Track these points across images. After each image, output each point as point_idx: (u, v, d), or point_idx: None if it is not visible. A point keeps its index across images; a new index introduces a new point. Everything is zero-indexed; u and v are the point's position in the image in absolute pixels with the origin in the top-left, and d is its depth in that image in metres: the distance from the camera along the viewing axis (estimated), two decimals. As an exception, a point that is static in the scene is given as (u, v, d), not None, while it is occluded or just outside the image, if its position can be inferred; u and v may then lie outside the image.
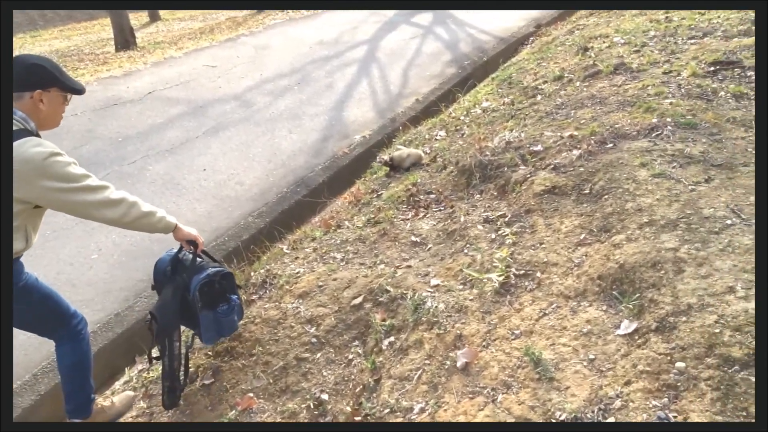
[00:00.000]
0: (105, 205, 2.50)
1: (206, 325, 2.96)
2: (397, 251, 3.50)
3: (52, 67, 2.49)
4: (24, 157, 2.31)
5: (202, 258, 3.05)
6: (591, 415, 2.07)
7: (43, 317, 2.79)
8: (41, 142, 2.39)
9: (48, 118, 2.54)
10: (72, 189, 2.41)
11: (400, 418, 2.40)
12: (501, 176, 3.78)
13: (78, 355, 2.87)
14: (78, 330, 2.85)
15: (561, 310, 2.56)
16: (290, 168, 5.69)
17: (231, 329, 3.09)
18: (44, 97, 2.46)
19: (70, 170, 2.40)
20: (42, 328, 2.87)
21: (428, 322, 2.78)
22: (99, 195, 2.48)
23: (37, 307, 2.71)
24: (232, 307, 3.01)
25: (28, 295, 2.63)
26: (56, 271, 4.13)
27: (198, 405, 2.96)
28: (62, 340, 2.86)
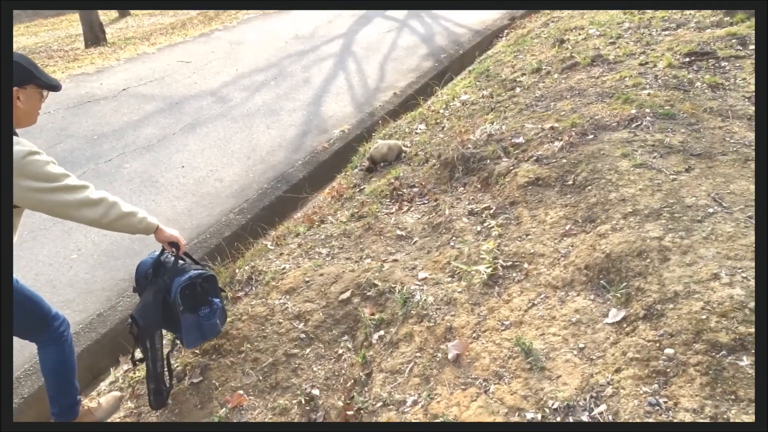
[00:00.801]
0: (84, 205, 2.45)
1: (188, 329, 2.91)
2: (383, 245, 3.51)
3: (28, 63, 2.43)
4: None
5: (184, 260, 3.01)
6: (583, 403, 2.10)
7: (25, 320, 2.73)
8: (19, 141, 2.33)
9: (25, 116, 2.47)
10: (50, 189, 2.36)
11: (393, 412, 2.41)
12: (484, 169, 3.81)
13: (61, 358, 2.82)
14: (60, 332, 2.80)
15: (549, 300, 2.59)
16: (270, 164, 5.65)
17: (213, 333, 3.04)
18: (21, 94, 2.40)
19: (48, 169, 2.35)
20: (23, 331, 2.81)
21: (418, 315, 2.79)
22: (78, 195, 2.43)
23: (18, 308, 2.66)
24: (214, 310, 2.96)
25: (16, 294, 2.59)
26: (35, 272, 4.05)
27: (187, 404, 2.94)
28: (44, 344, 2.80)
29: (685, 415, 1.88)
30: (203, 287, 2.91)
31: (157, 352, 2.85)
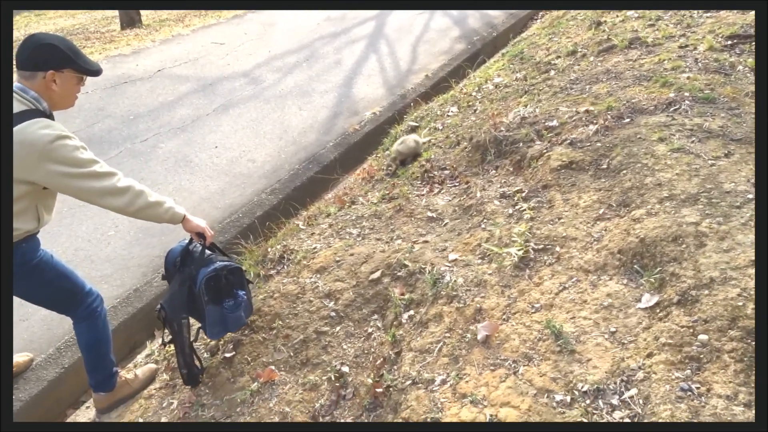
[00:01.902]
0: (109, 193, 2.48)
1: (212, 320, 2.93)
2: (414, 227, 3.52)
3: (66, 47, 2.45)
4: (30, 139, 2.29)
5: (213, 251, 3.04)
6: (613, 387, 2.10)
7: (58, 296, 2.82)
8: (50, 124, 2.37)
9: (61, 99, 2.52)
10: (77, 174, 2.39)
11: (421, 390, 2.43)
12: (516, 152, 3.78)
13: (95, 334, 2.90)
14: (93, 308, 2.88)
15: (581, 283, 2.58)
16: (301, 145, 5.68)
17: (237, 325, 3.03)
18: (57, 77, 2.44)
19: (77, 155, 2.38)
20: (57, 306, 2.90)
21: (447, 296, 2.80)
22: (104, 182, 2.46)
23: (51, 285, 2.73)
24: (239, 303, 2.96)
25: (42, 273, 2.65)
26: (74, 247, 4.16)
27: (219, 377, 3.01)
28: (78, 319, 2.89)
29: (718, 401, 1.87)
30: (228, 279, 2.92)
31: (184, 339, 2.90)
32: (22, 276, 2.60)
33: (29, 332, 3.52)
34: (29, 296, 2.81)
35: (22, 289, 2.71)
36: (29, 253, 2.57)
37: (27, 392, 3.22)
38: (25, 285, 2.68)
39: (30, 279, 2.65)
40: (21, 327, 3.55)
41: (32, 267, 2.60)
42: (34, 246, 2.60)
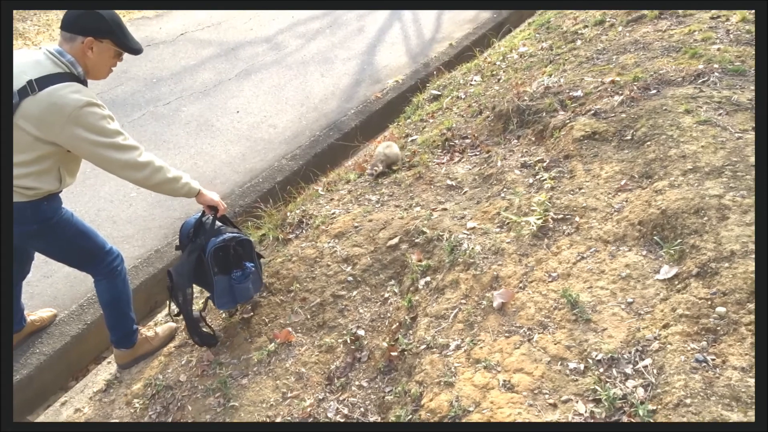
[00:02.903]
0: (131, 167, 2.54)
1: (220, 291, 2.97)
2: (433, 194, 3.51)
3: (112, 19, 2.48)
4: (60, 102, 2.32)
5: (225, 223, 3.10)
6: (628, 356, 2.10)
7: (78, 254, 2.89)
8: (81, 90, 2.39)
9: (94, 68, 2.55)
10: (101, 143, 2.43)
11: (436, 354, 2.45)
12: (539, 121, 3.73)
13: (114, 292, 2.96)
14: (113, 267, 2.93)
15: (599, 254, 2.57)
16: (322, 112, 5.67)
17: (245, 296, 3.06)
18: (95, 45, 2.47)
19: (103, 124, 2.42)
20: (77, 263, 2.97)
21: (464, 263, 2.81)
22: (126, 155, 2.51)
23: (71, 243, 2.79)
24: (246, 274, 2.98)
25: (62, 231, 2.70)
26: (97, 208, 4.22)
27: (237, 337, 3.06)
28: (98, 276, 2.95)
29: (733, 373, 1.86)
30: (236, 250, 2.96)
31: (188, 308, 2.96)
32: (41, 233, 2.65)
33: (53, 288, 3.60)
34: (50, 253, 2.88)
35: (42, 246, 2.79)
36: (49, 211, 2.61)
37: (51, 347, 3.31)
38: (45, 242, 2.75)
39: (49, 237, 2.70)
40: (45, 283, 3.63)
41: (51, 225, 2.65)
42: (54, 205, 2.64)
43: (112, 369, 3.18)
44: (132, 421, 2.83)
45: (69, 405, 3.02)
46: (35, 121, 2.33)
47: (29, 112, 2.32)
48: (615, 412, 1.94)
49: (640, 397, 1.94)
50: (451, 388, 2.24)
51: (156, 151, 4.94)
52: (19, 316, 3.21)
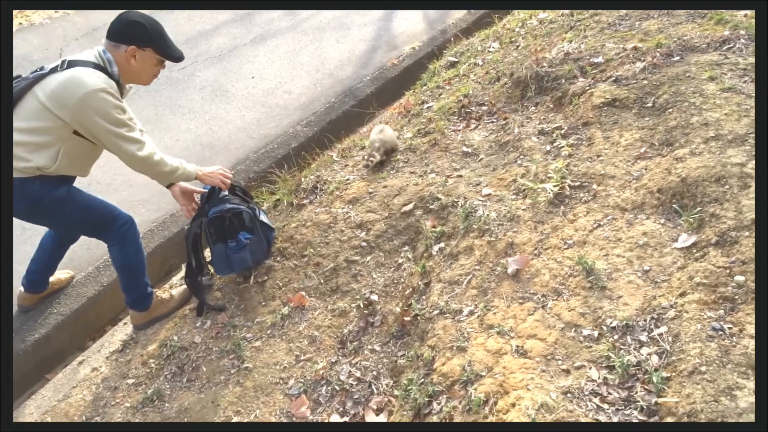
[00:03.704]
0: (128, 157, 2.67)
1: (216, 257, 3.11)
2: (448, 161, 3.47)
3: (154, 29, 2.64)
4: (80, 81, 2.46)
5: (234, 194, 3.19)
6: (643, 324, 2.08)
7: (82, 225, 2.98)
8: (102, 77, 2.52)
9: (137, 75, 2.73)
10: (106, 129, 2.55)
11: (449, 320, 2.45)
12: (558, 88, 3.66)
13: (127, 256, 3.00)
14: (123, 233, 2.96)
15: (616, 222, 2.53)
16: (338, 78, 5.61)
17: (242, 265, 3.12)
18: (137, 54, 2.64)
19: (113, 113, 2.53)
20: (86, 233, 3.09)
21: (479, 229, 2.79)
22: (126, 147, 2.62)
23: (72, 217, 2.85)
24: (242, 245, 3.06)
25: (58, 209, 2.75)
26: (113, 171, 4.23)
27: (251, 301, 3.08)
28: (110, 242, 3.00)
29: (750, 341, 1.84)
30: (232, 222, 3.05)
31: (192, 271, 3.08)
32: (34, 212, 2.74)
33: (70, 251, 3.61)
34: (53, 227, 2.99)
35: (43, 221, 2.89)
36: (40, 192, 2.66)
37: (68, 307, 3.36)
38: (42, 219, 2.85)
39: (45, 215, 2.79)
40: (63, 245, 3.66)
41: (44, 205, 2.71)
42: (46, 187, 2.67)
43: (128, 330, 3.22)
44: (148, 380, 2.88)
45: (86, 364, 3.07)
46: (50, 93, 2.47)
47: (48, 84, 2.49)
48: (628, 379, 1.93)
49: (654, 365, 1.93)
50: (464, 353, 2.25)
51: (171, 116, 4.94)
52: (47, 278, 3.28)
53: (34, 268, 3.19)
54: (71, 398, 2.89)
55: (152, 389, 2.81)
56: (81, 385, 2.95)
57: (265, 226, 3.20)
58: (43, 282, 3.27)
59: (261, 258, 3.19)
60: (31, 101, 2.50)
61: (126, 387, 2.89)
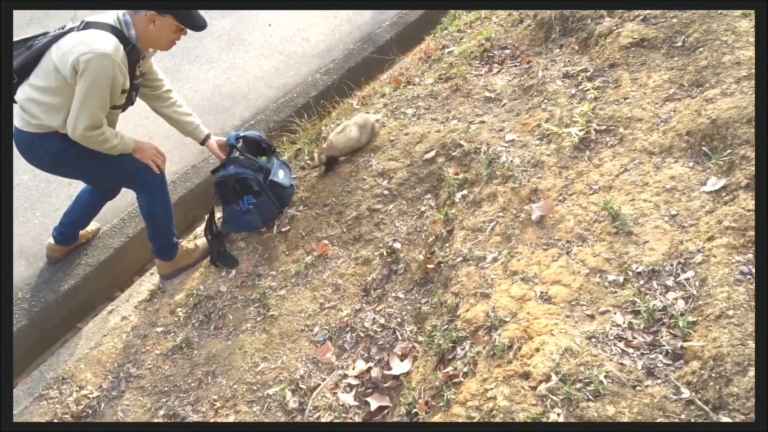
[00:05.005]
0: (72, 125, 2.57)
1: (226, 217, 3.23)
2: (470, 107, 3.41)
3: None
4: (88, 43, 2.44)
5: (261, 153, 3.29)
6: (669, 268, 2.06)
7: (104, 178, 3.04)
8: (115, 45, 2.48)
9: (155, 40, 2.69)
10: (82, 89, 2.49)
11: (472, 267, 2.45)
12: (583, 29, 3.54)
13: (153, 205, 3.03)
14: (149, 182, 2.98)
15: (643, 166, 2.48)
16: (356, 24, 5.49)
17: (249, 227, 3.22)
18: (157, 19, 2.59)
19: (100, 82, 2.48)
20: (111, 184, 3.18)
21: (503, 176, 2.75)
22: (80, 122, 2.55)
23: (92, 170, 2.90)
24: (244, 210, 3.13)
25: (78, 162, 2.78)
26: (134, 123, 4.22)
27: (275, 250, 3.11)
28: (137, 191, 3.04)
29: (780, 285, 1.81)
30: (235, 186, 3.09)
31: (211, 225, 3.20)
32: (55, 165, 2.79)
33: (96, 203, 3.68)
34: (78, 179, 3.05)
35: (67, 174, 2.96)
36: (58, 147, 2.69)
37: (95, 258, 3.43)
38: (65, 172, 2.92)
39: (67, 168, 2.84)
40: (88, 198, 3.71)
41: (62, 160, 2.74)
42: (63, 144, 2.68)
43: (155, 280, 3.28)
44: (176, 328, 2.95)
45: (116, 313, 3.15)
46: (61, 54, 2.48)
47: (62, 44, 2.50)
48: (654, 323, 1.92)
49: (681, 309, 1.92)
50: (488, 299, 2.25)
51: (189, 66, 4.90)
52: (78, 231, 3.37)
53: (67, 221, 3.24)
54: (103, 346, 2.98)
55: (181, 337, 2.88)
56: (111, 333, 3.03)
57: (276, 185, 3.20)
58: (74, 235, 3.33)
59: (273, 215, 3.24)
60: (46, 61, 2.53)
61: (155, 335, 2.96)
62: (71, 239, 3.33)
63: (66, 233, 3.28)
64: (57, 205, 3.66)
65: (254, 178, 3.07)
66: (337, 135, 3.30)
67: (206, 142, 3.18)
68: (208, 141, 3.17)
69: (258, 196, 3.10)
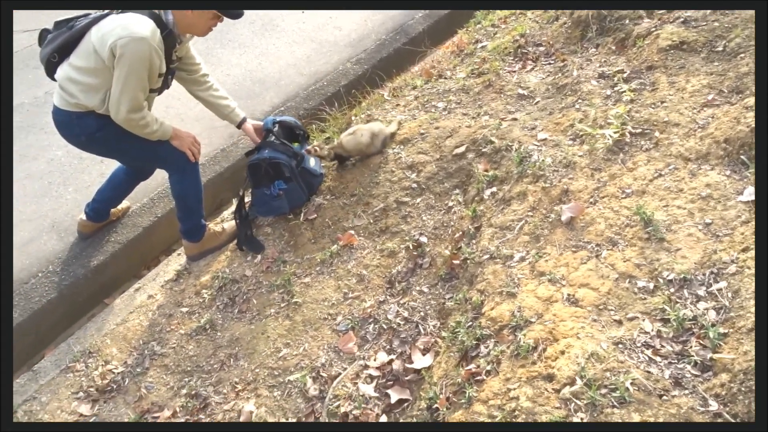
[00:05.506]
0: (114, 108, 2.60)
1: (255, 199, 3.22)
2: (503, 103, 3.39)
3: None
4: (126, 26, 2.46)
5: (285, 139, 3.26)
6: (701, 278, 2.03)
7: (138, 159, 3.09)
8: (152, 28, 2.49)
9: (192, 26, 2.69)
10: (120, 73, 2.51)
11: (499, 265, 2.44)
12: (621, 29, 3.49)
13: (184, 187, 3.06)
14: (182, 164, 3.01)
15: (678, 172, 2.44)
16: (389, 14, 5.47)
17: (277, 211, 3.23)
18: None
19: (137, 64, 2.49)
20: (147, 164, 3.22)
21: (533, 175, 2.73)
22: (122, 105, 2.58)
23: (127, 152, 2.98)
24: (273, 195, 3.13)
25: (114, 142, 2.82)
26: (165, 105, 4.26)
27: (301, 237, 3.13)
28: (170, 172, 3.07)
29: (815, 300, 1.78)
30: (267, 171, 3.09)
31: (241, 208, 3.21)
32: (91, 144, 2.85)
33: (126, 182, 3.73)
34: (112, 158, 3.13)
35: (102, 153, 3.02)
36: (94, 126, 2.73)
37: (124, 236, 3.48)
38: (100, 151, 2.97)
39: (102, 147, 2.90)
40: (119, 176, 3.76)
41: (96, 139, 2.79)
42: (99, 123, 2.72)
43: (182, 260, 3.31)
44: (201, 309, 2.98)
45: (142, 291, 3.19)
46: (100, 35, 2.50)
47: (101, 26, 2.52)
48: (683, 333, 1.90)
49: (712, 320, 1.89)
50: (513, 299, 2.24)
51: (221, 50, 4.92)
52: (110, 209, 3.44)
53: (100, 198, 3.29)
54: (129, 323, 3.02)
55: (205, 318, 2.91)
56: (138, 311, 3.08)
57: (307, 172, 3.22)
58: (106, 212, 3.39)
59: (301, 202, 3.25)
60: (86, 42, 2.56)
61: (180, 315, 3.00)
62: (103, 216, 3.39)
63: (98, 210, 3.33)
64: (89, 182, 3.72)
65: (287, 164, 3.08)
66: (347, 136, 3.27)
67: (242, 126, 3.19)
68: (244, 124, 3.19)
69: (289, 182, 3.10)
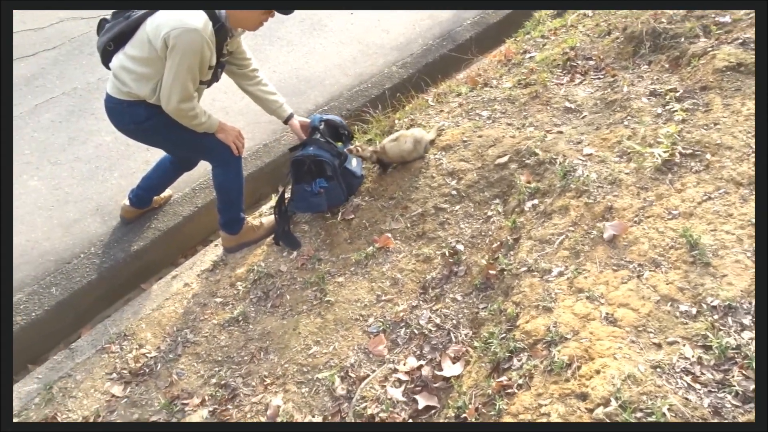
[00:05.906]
0: (166, 99, 2.65)
1: (294, 195, 3.22)
2: (549, 116, 3.35)
3: None
4: (180, 18, 2.49)
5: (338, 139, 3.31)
6: (747, 306, 1.98)
7: (186, 149, 3.13)
8: (205, 21, 2.52)
9: (243, 21, 2.72)
10: (172, 64, 2.55)
11: (536, 278, 2.41)
12: (676, 47, 3.42)
13: (226, 180, 3.10)
14: (227, 157, 3.05)
15: (729, 196, 2.38)
16: (437, 20, 5.46)
17: (316, 208, 3.24)
18: None
19: (189, 56, 2.53)
20: (192, 155, 3.27)
21: (577, 189, 2.69)
22: (173, 95, 2.62)
23: (173, 143, 3.03)
24: (314, 192, 3.14)
25: (163, 132, 2.88)
26: (211, 97, 4.32)
27: (338, 237, 3.14)
28: (214, 164, 3.11)
29: None
30: (310, 168, 3.10)
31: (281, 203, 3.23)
32: (139, 133, 2.91)
33: (169, 171, 3.79)
34: (158, 147, 3.16)
35: (149, 142, 3.07)
36: (143, 115, 2.79)
37: (165, 224, 3.55)
38: (148, 140, 3.03)
39: (150, 136, 2.96)
40: (163, 165, 3.83)
41: (145, 128, 2.85)
42: (151, 111, 2.78)
43: (219, 252, 3.35)
44: (235, 300, 3.01)
45: (179, 279, 3.24)
46: (154, 26, 2.54)
47: (156, 17, 2.56)
48: (725, 361, 1.85)
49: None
50: (549, 313, 2.21)
51: (270, 47, 4.97)
52: (153, 196, 3.52)
53: (144, 185, 3.36)
54: (164, 309, 3.07)
55: (238, 310, 2.94)
56: (173, 298, 3.12)
57: (348, 173, 3.24)
58: (149, 199, 3.47)
59: (339, 202, 3.26)
60: (141, 32, 2.61)
61: (214, 305, 3.03)
62: (146, 203, 3.46)
63: (142, 197, 3.40)
64: (134, 168, 3.79)
65: (331, 162, 3.10)
66: (390, 143, 3.26)
67: (289, 122, 3.22)
68: (291, 120, 3.22)
69: (330, 181, 3.11)
